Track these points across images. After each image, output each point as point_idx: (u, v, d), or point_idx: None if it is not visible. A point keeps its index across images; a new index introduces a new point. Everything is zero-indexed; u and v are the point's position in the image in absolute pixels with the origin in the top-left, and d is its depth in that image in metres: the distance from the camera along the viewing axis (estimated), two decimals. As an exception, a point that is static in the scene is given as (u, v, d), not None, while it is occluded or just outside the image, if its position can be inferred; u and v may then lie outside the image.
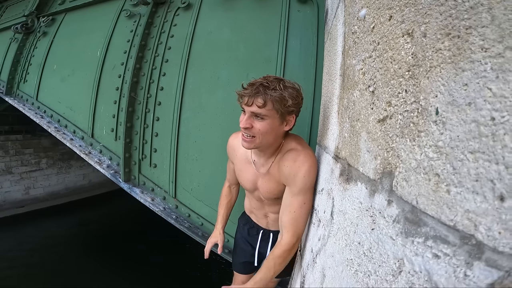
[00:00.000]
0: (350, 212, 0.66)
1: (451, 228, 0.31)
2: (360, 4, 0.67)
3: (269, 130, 1.02)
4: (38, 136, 7.54)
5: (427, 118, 0.35)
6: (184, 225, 2.11)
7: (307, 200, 1.08)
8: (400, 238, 0.40)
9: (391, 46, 0.46)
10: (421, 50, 0.38)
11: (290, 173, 1.07)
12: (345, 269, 0.63)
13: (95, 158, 2.42)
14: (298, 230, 1.10)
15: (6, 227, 6.69)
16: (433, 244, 0.33)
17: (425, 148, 0.35)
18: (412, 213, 0.38)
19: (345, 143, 0.73)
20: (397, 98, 0.43)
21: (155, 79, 2.35)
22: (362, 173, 0.57)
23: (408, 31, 0.41)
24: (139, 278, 5.19)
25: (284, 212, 1.11)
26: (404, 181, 0.40)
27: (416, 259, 0.36)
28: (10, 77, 3.41)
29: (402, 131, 0.40)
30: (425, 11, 0.37)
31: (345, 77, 0.81)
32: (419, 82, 0.38)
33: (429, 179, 0.35)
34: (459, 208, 0.30)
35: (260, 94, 0.96)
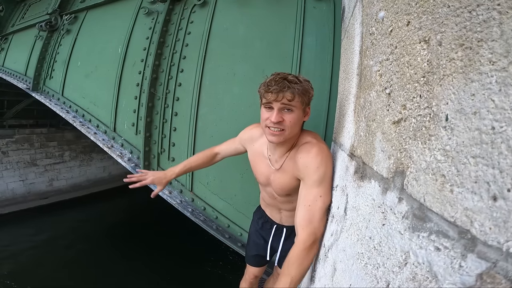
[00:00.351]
0: (363, 208, 0.69)
1: (452, 224, 0.34)
2: (378, 6, 0.69)
3: (297, 121, 1.08)
4: (62, 130, 7.86)
5: (437, 124, 0.38)
6: (199, 218, 2.18)
7: (323, 193, 1.03)
8: (407, 233, 0.44)
9: (408, 51, 0.48)
10: (436, 58, 0.40)
11: (303, 164, 1.09)
12: (356, 262, 0.66)
13: (117, 151, 2.54)
14: (315, 227, 1.00)
15: (30, 217, 7.03)
16: (436, 238, 0.37)
17: (434, 151, 0.38)
18: (420, 210, 0.42)
19: (361, 142, 0.75)
20: (412, 102, 0.45)
21: (173, 75, 2.43)
22: (376, 171, 0.60)
23: (425, 38, 0.43)
24: (157, 266, 5.38)
25: (299, 207, 1.06)
26: (414, 181, 0.43)
27: (420, 251, 0.39)
28: (36, 74, 3.59)
29: (414, 134, 0.43)
30: (442, 21, 0.39)
31: (362, 76, 0.83)
32: (432, 89, 0.40)
33: (436, 179, 0.38)
34: (459, 206, 0.33)
35: (289, 88, 1.01)
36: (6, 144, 7.08)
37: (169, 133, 2.38)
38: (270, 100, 1.04)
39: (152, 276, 5.13)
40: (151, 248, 5.95)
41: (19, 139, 7.30)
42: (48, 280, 4.92)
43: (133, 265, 5.39)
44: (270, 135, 1.08)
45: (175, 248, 5.95)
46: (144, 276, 5.13)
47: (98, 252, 5.83)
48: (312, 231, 0.99)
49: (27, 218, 6.97)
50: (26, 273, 5.14)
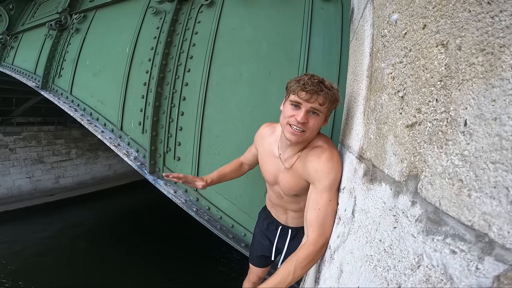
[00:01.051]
0: (372, 211, 0.68)
1: (469, 228, 0.35)
2: (391, 9, 0.69)
3: (319, 126, 1.10)
4: (69, 127, 7.96)
5: (455, 128, 0.38)
6: (203, 218, 2.19)
7: (333, 198, 1.05)
8: (421, 236, 0.44)
9: (424, 54, 0.48)
10: (454, 62, 0.40)
11: (313, 169, 1.09)
12: (364, 264, 0.66)
13: (124, 150, 2.56)
14: (325, 230, 1.01)
15: (36, 214, 7.11)
16: (452, 241, 0.37)
17: (452, 156, 0.38)
18: (435, 213, 0.42)
19: (371, 145, 0.75)
20: (427, 106, 0.45)
21: (180, 75, 2.44)
22: (388, 174, 0.59)
23: (443, 42, 0.43)
24: (159, 264, 5.41)
25: (309, 210, 1.07)
26: (429, 185, 0.43)
27: (434, 254, 0.40)
28: (45, 72, 3.64)
29: (430, 138, 0.43)
30: (462, 25, 0.39)
31: (372, 79, 0.83)
32: (450, 93, 0.40)
33: (453, 184, 0.38)
34: (477, 210, 0.34)
35: (324, 93, 1.02)
36: (14, 141, 7.19)
37: (175, 132, 2.39)
38: (302, 99, 1.03)
39: (157, 274, 5.17)
40: (156, 246, 5.98)
41: (27, 137, 7.41)
42: (54, 277, 4.97)
43: (137, 263, 5.43)
44: (290, 133, 1.08)
45: (179, 246, 5.98)
46: (148, 274, 5.16)
47: (103, 250, 5.88)
48: (323, 233, 1.01)
49: (33, 215, 7.06)
50: (31, 269, 5.20)
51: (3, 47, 4.84)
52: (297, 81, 1.04)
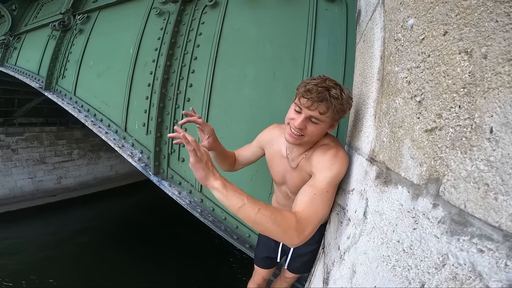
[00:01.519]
0: (388, 213, 0.69)
1: (496, 228, 0.36)
2: (405, 13, 0.69)
3: (319, 133, 1.07)
4: (71, 128, 7.98)
5: (480, 135, 0.39)
6: (208, 219, 2.20)
7: (330, 191, 0.98)
8: (445, 237, 0.45)
9: (445, 61, 0.49)
10: (479, 70, 0.41)
11: (317, 161, 1.07)
12: (381, 264, 0.67)
13: (128, 151, 2.57)
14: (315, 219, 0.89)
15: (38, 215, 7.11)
16: (478, 241, 0.38)
17: (477, 161, 0.39)
18: (460, 215, 0.43)
19: (384, 148, 0.76)
20: (449, 112, 0.46)
21: (184, 76, 2.45)
22: (405, 177, 0.60)
23: (467, 49, 0.44)
24: (164, 267, 5.41)
25: (304, 192, 0.97)
26: (453, 188, 0.44)
27: (461, 253, 0.41)
28: (49, 73, 3.64)
29: (453, 144, 0.44)
30: (488, 34, 0.40)
31: (384, 82, 0.83)
32: (475, 101, 0.41)
33: (479, 187, 0.39)
34: (504, 212, 0.35)
35: (326, 102, 0.96)
36: (16, 142, 7.20)
37: (180, 133, 2.40)
38: (303, 105, 1.00)
39: (160, 275, 5.17)
40: (158, 246, 5.99)
41: (29, 137, 7.42)
42: (56, 277, 4.98)
43: (139, 263, 5.44)
44: (288, 135, 1.08)
45: (182, 246, 5.99)
46: (151, 274, 5.17)
47: (105, 250, 5.89)
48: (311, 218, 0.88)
49: (35, 215, 7.07)
50: (33, 270, 5.20)
51: (6, 48, 4.84)
52: (305, 84, 1.01)
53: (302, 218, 0.86)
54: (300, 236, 0.84)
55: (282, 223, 0.81)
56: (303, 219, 0.86)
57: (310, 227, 0.86)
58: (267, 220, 0.80)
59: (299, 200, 0.94)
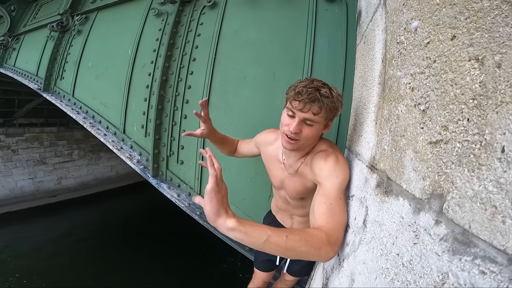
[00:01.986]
0: (388, 224, 0.67)
1: (501, 251, 0.34)
2: (409, 15, 0.66)
3: (315, 135, 1.05)
4: (71, 129, 7.98)
5: (490, 154, 0.35)
6: (207, 221, 2.17)
7: (343, 197, 0.97)
8: (446, 255, 0.43)
9: (453, 68, 0.45)
10: (492, 81, 0.37)
11: (319, 169, 1.05)
12: (380, 276, 0.64)
13: (126, 153, 2.55)
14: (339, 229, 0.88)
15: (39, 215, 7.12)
16: (481, 262, 0.36)
17: (485, 182, 0.36)
18: (463, 235, 0.40)
19: (385, 156, 0.73)
20: (456, 124, 0.43)
21: (183, 77, 2.42)
22: (406, 190, 0.57)
23: (477, 56, 0.40)
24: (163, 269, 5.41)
25: (319, 204, 0.94)
26: (457, 206, 0.41)
27: (462, 274, 0.39)
28: (47, 74, 3.63)
29: (459, 160, 0.41)
30: (503, 41, 0.36)
31: (386, 87, 0.80)
32: (485, 115, 0.37)
33: (486, 209, 0.37)
34: None
35: (318, 102, 0.96)
36: (16, 143, 7.20)
37: (178, 135, 2.38)
38: (295, 108, 0.99)
39: (162, 275, 5.17)
40: (159, 246, 5.99)
41: (29, 138, 7.42)
42: (56, 278, 4.98)
43: (140, 264, 5.44)
44: (285, 142, 1.07)
45: (183, 246, 5.99)
46: (152, 275, 5.17)
47: (105, 251, 5.89)
48: (337, 227, 0.87)
49: (36, 215, 7.08)
50: (34, 270, 5.21)
51: (5, 49, 4.84)
52: (294, 88, 1.01)
53: (330, 230, 0.85)
54: (334, 249, 0.84)
55: (314, 242, 0.79)
56: (331, 230, 0.85)
57: (340, 237, 0.87)
58: (299, 244, 0.76)
59: (317, 213, 0.92)
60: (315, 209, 0.94)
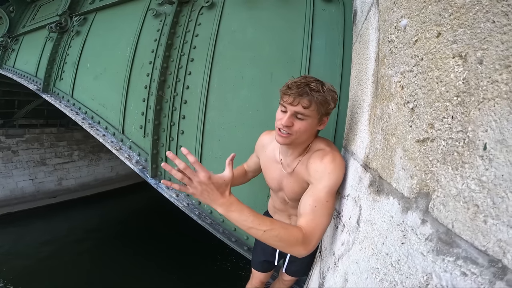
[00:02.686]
0: (379, 224, 0.67)
1: (482, 252, 0.34)
2: (399, 13, 0.66)
3: (307, 130, 1.06)
4: (71, 129, 7.99)
5: (473, 151, 0.35)
6: (206, 222, 2.18)
7: (330, 200, 0.99)
8: (431, 255, 0.43)
9: (438, 65, 0.45)
10: (474, 77, 0.37)
11: (314, 169, 1.06)
12: (370, 276, 0.65)
13: (125, 153, 2.55)
14: (319, 231, 0.93)
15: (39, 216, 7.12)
16: (463, 263, 0.36)
17: (468, 180, 0.36)
18: (447, 235, 0.40)
19: (377, 155, 0.73)
20: (442, 122, 0.43)
21: (181, 78, 2.42)
22: (396, 189, 0.57)
23: (461, 53, 0.40)
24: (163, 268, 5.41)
25: (302, 205, 1.00)
26: (442, 205, 0.41)
27: (444, 275, 0.39)
28: (46, 75, 3.63)
29: (444, 158, 0.41)
30: (484, 37, 0.36)
31: (378, 85, 0.81)
32: (468, 112, 0.37)
33: (468, 208, 0.37)
34: (493, 237, 0.33)
35: (307, 95, 0.98)
36: (16, 144, 7.21)
37: (177, 136, 2.38)
38: (286, 102, 1.02)
39: (161, 275, 5.17)
40: (159, 246, 6.00)
41: (29, 139, 7.43)
42: (57, 278, 4.99)
43: (141, 264, 5.45)
44: (277, 135, 1.09)
45: (183, 247, 5.99)
46: (152, 275, 5.17)
47: (106, 251, 5.90)
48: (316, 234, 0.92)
49: (36, 216, 7.09)
50: (34, 271, 5.22)
51: (4, 50, 4.84)
52: (286, 84, 1.04)
53: (307, 232, 0.90)
54: (307, 249, 0.90)
55: (288, 240, 0.87)
56: (308, 233, 0.90)
57: (315, 239, 0.92)
58: (273, 240, 0.86)
59: (301, 213, 0.99)
60: (301, 208, 1.01)
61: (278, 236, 0.85)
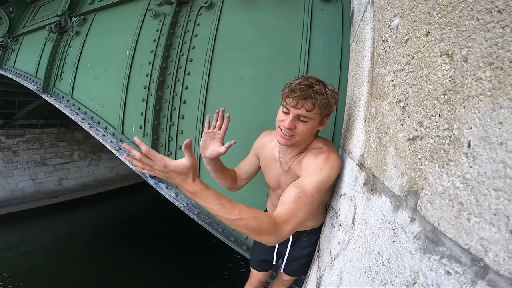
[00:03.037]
0: (372, 222, 0.67)
1: (465, 251, 0.34)
2: (392, 13, 0.66)
3: (309, 131, 1.07)
4: (71, 130, 7.99)
5: (458, 149, 0.36)
6: (205, 221, 2.18)
7: (315, 195, 0.95)
8: (418, 254, 0.43)
9: (427, 64, 0.46)
10: (460, 75, 0.37)
11: (307, 164, 1.06)
12: (363, 275, 0.65)
13: (125, 153, 2.56)
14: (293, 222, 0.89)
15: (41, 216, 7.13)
16: (447, 262, 0.36)
17: (453, 177, 0.36)
18: (433, 233, 0.41)
19: (371, 154, 0.73)
20: (430, 120, 0.43)
21: (180, 78, 2.43)
22: (388, 187, 0.58)
23: (448, 51, 0.41)
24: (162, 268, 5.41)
25: (287, 194, 0.96)
26: (429, 203, 0.42)
27: (430, 273, 0.39)
28: (46, 75, 3.64)
29: (431, 156, 0.41)
30: (469, 34, 0.36)
31: (373, 85, 0.81)
32: (454, 109, 0.38)
33: (453, 206, 0.37)
34: (475, 235, 0.33)
35: (311, 99, 0.98)
36: (16, 144, 7.22)
37: (176, 136, 2.38)
38: (289, 105, 1.02)
39: (161, 274, 5.18)
40: (159, 246, 6.00)
41: (30, 139, 7.44)
42: (57, 278, 5.00)
43: (141, 264, 5.45)
44: (280, 136, 1.09)
45: (183, 246, 5.99)
46: (152, 275, 5.18)
47: (106, 251, 5.90)
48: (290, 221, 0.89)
49: (37, 216, 7.10)
50: (35, 271, 5.22)
51: (4, 50, 4.86)
52: (289, 85, 1.03)
53: (282, 220, 0.87)
54: (278, 237, 0.87)
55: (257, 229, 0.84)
56: (282, 221, 0.87)
57: (287, 229, 0.88)
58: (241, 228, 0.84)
59: (283, 201, 0.95)
60: (284, 197, 0.97)
61: (246, 226, 0.83)
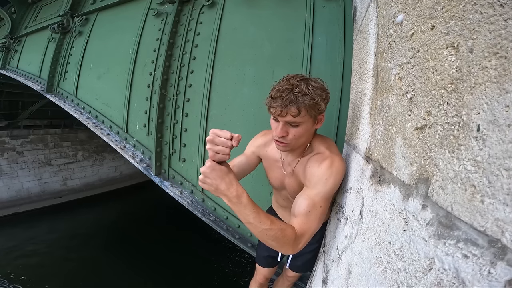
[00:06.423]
0: (381, 213, 0.68)
1: (481, 233, 0.35)
2: (396, 8, 0.68)
3: (303, 134, 1.04)
4: (75, 130, 8.04)
5: (468, 133, 0.37)
6: (210, 219, 2.20)
7: (324, 205, 0.99)
8: (432, 240, 0.44)
9: (433, 56, 0.47)
10: (466, 65, 0.39)
11: (312, 174, 1.05)
12: (374, 266, 0.66)
13: (129, 152, 2.58)
14: (308, 234, 0.95)
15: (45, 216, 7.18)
16: (464, 246, 0.37)
17: (464, 161, 0.38)
18: (447, 218, 0.42)
19: (378, 146, 0.75)
20: (438, 109, 0.45)
21: (183, 76, 2.44)
22: (396, 177, 0.59)
23: (453, 43, 0.42)
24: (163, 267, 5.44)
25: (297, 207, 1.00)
26: (441, 189, 0.43)
27: (446, 258, 0.40)
28: (50, 76, 3.66)
29: (441, 142, 0.43)
30: (473, 27, 0.38)
31: (378, 79, 0.82)
32: (462, 97, 0.39)
33: (465, 189, 0.38)
34: (490, 216, 0.34)
35: (293, 104, 0.93)
36: (21, 144, 7.28)
37: (180, 134, 2.40)
38: (275, 114, 0.99)
39: (165, 273, 5.21)
40: (163, 245, 6.03)
41: (34, 140, 7.50)
42: (62, 278, 5.04)
43: (145, 263, 5.48)
44: (277, 145, 1.08)
45: (186, 244, 6.03)
46: (156, 274, 5.21)
47: (110, 250, 5.94)
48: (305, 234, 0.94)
49: (42, 216, 7.15)
50: (40, 271, 5.27)
51: (7, 51, 4.87)
52: (269, 95, 0.99)
53: (299, 234, 0.93)
54: (294, 249, 0.92)
55: (282, 241, 0.89)
56: (300, 234, 0.93)
57: (303, 241, 0.94)
58: (269, 238, 0.88)
59: (295, 214, 0.99)
60: (295, 209, 1.00)
61: (274, 236, 0.87)
